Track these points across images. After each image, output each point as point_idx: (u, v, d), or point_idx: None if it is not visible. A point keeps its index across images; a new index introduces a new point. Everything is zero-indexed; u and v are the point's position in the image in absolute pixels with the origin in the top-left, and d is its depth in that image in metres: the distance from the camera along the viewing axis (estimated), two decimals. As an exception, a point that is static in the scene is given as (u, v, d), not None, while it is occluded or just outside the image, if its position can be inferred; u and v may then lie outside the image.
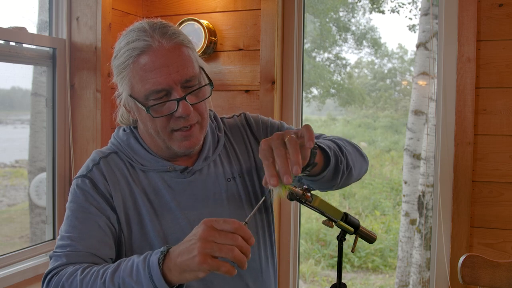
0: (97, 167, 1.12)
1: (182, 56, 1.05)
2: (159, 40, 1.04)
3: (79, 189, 1.09)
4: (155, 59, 1.03)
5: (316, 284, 5.69)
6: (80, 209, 1.07)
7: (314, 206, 0.97)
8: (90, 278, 0.93)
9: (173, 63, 1.03)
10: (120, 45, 1.10)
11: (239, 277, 1.16)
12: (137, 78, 1.05)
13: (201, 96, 1.09)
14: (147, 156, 1.14)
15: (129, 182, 1.12)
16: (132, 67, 1.05)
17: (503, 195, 1.93)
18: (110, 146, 1.19)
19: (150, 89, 1.03)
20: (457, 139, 1.97)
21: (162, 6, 2.38)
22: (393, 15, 7.98)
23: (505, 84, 1.93)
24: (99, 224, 1.06)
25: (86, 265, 0.98)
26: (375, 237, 1.05)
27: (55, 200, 2.12)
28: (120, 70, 1.08)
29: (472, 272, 1.56)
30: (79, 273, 0.95)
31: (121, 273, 0.91)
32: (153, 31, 1.05)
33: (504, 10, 1.91)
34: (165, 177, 1.14)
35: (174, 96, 1.04)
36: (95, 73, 2.11)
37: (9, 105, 2.34)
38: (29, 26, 1.99)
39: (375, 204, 6.99)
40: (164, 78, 1.02)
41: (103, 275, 0.92)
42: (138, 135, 1.17)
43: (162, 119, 1.06)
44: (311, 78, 8.06)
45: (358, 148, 1.23)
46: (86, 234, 1.04)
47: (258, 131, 1.27)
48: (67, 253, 1.02)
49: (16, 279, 1.93)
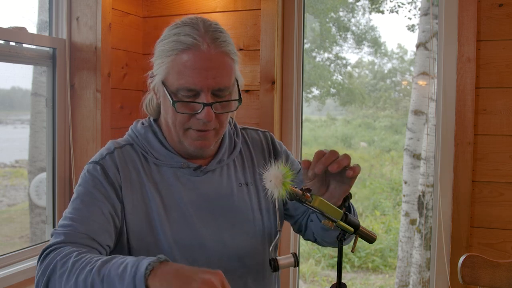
0: (110, 156, 1.13)
1: (223, 65, 1.07)
2: (208, 44, 1.06)
3: (89, 174, 1.11)
4: (198, 59, 1.05)
5: (316, 284, 5.70)
6: (87, 193, 1.08)
7: (314, 206, 0.97)
8: (81, 263, 0.93)
9: (212, 69, 1.05)
10: (170, 31, 1.11)
11: (240, 277, 1.16)
12: (175, 70, 1.07)
13: (227, 108, 1.11)
14: (163, 151, 1.15)
15: (141, 175, 1.13)
16: (174, 58, 1.07)
17: (503, 195, 1.93)
18: (126, 138, 1.20)
19: (183, 85, 1.05)
20: (457, 139, 1.97)
21: (162, 6, 2.38)
22: (392, 15, 7.99)
23: (505, 84, 1.93)
24: (102, 210, 1.06)
25: (84, 249, 0.99)
26: (375, 237, 1.05)
27: (55, 200, 2.12)
28: (163, 55, 1.10)
29: (472, 272, 1.56)
30: (73, 255, 0.95)
31: (109, 266, 0.90)
32: (206, 33, 1.07)
33: (504, 10, 1.91)
34: (178, 173, 1.15)
35: (201, 99, 1.06)
36: (95, 73, 2.11)
37: (9, 105, 2.35)
38: (29, 26, 1.99)
39: (375, 204, 6.99)
40: (199, 80, 1.05)
41: (94, 263, 0.92)
42: (157, 129, 1.18)
43: (183, 115, 1.08)
44: (311, 78, 8.06)
45: None
46: (89, 218, 1.05)
47: (281, 155, 1.31)
48: (67, 231, 1.03)
49: (16, 279, 1.93)
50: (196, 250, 1.11)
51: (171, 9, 2.36)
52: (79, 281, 0.91)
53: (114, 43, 2.21)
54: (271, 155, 1.29)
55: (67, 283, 0.92)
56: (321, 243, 1.27)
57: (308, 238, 1.30)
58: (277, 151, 1.30)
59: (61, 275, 0.93)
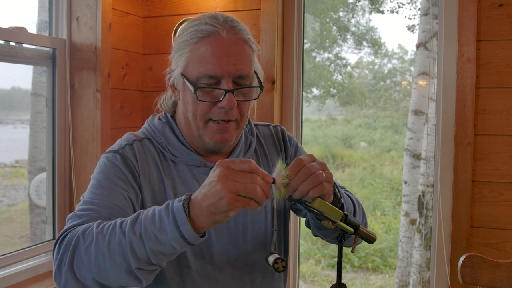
0: (130, 147, 1.12)
1: (243, 52, 1.08)
2: (228, 31, 1.07)
3: (109, 162, 1.09)
4: (219, 46, 1.05)
5: (316, 284, 5.70)
6: (107, 179, 1.06)
7: (313, 207, 0.97)
8: (108, 229, 0.90)
9: (233, 56, 1.06)
10: (188, 25, 1.12)
11: (248, 276, 1.16)
12: (195, 59, 1.06)
13: (248, 96, 1.11)
14: (180, 148, 1.15)
15: (159, 170, 1.12)
16: (194, 46, 1.07)
17: (503, 195, 1.93)
18: (143, 132, 1.19)
19: (204, 73, 1.05)
20: (457, 139, 1.97)
21: (162, 6, 2.38)
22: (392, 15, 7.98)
23: (505, 84, 1.93)
24: (124, 195, 1.05)
25: (101, 220, 0.96)
26: (375, 237, 1.04)
27: (55, 200, 2.12)
28: (182, 46, 1.09)
29: (472, 272, 1.55)
30: (95, 226, 0.92)
31: (142, 222, 0.89)
32: (225, 22, 1.08)
33: (504, 10, 1.91)
34: (194, 171, 1.14)
35: (223, 86, 1.05)
36: (95, 73, 2.11)
37: (9, 105, 2.35)
38: (29, 26, 1.99)
39: (375, 204, 6.99)
40: (220, 67, 1.04)
41: (121, 225, 0.90)
42: (174, 125, 1.17)
43: (204, 104, 1.07)
44: (311, 78, 8.06)
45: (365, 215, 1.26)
46: (110, 202, 1.03)
47: (290, 149, 1.30)
48: (89, 214, 0.99)
49: (16, 279, 1.93)
50: (206, 247, 1.11)
51: (171, 9, 2.36)
52: (113, 246, 0.88)
53: (114, 43, 2.21)
54: (283, 149, 1.29)
55: (97, 252, 0.89)
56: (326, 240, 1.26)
57: (316, 234, 1.28)
58: (287, 145, 1.29)
59: (88, 247, 0.90)
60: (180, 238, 0.86)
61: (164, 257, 0.90)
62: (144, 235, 0.87)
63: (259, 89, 1.11)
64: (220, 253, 1.13)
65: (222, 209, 0.84)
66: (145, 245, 0.87)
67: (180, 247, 0.88)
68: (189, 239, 0.87)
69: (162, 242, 0.87)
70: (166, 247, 0.88)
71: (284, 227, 1.27)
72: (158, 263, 0.90)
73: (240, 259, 1.15)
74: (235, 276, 1.14)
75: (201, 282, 1.10)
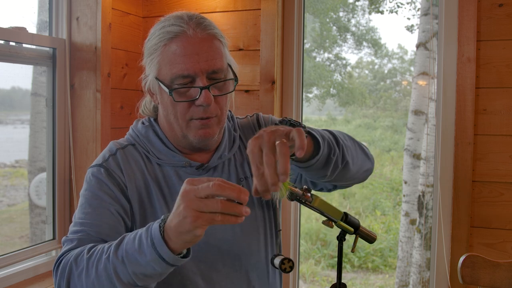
0: (113, 157, 1.13)
1: (213, 47, 1.08)
2: (194, 29, 1.07)
3: (94, 178, 1.10)
4: (187, 45, 1.05)
5: (316, 284, 5.70)
6: (94, 196, 1.08)
7: (314, 206, 0.97)
8: (96, 256, 0.94)
9: (203, 52, 1.06)
10: (155, 28, 1.12)
11: (244, 276, 1.16)
12: (166, 61, 1.07)
13: (224, 90, 1.11)
14: (164, 150, 1.15)
15: (145, 175, 1.13)
16: (163, 49, 1.07)
17: (503, 195, 1.93)
18: (127, 138, 1.20)
19: (177, 73, 1.05)
20: (457, 139, 1.97)
21: (162, 6, 2.38)
22: (392, 15, 7.99)
23: (505, 84, 1.93)
24: (112, 211, 1.07)
25: (93, 244, 0.99)
26: (375, 237, 1.05)
27: (55, 200, 2.12)
28: (152, 51, 1.10)
29: (472, 272, 1.56)
30: (85, 252, 0.96)
31: (124, 246, 0.91)
32: (190, 20, 1.08)
33: (504, 10, 1.91)
34: (180, 172, 1.14)
35: (198, 84, 1.06)
36: (95, 73, 2.11)
37: (9, 105, 2.34)
38: (29, 26, 1.99)
39: (375, 204, 6.99)
40: (192, 65, 1.05)
41: (108, 251, 0.93)
42: (157, 128, 1.18)
43: (182, 105, 1.08)
44: (311, 78, 8.06)
45: (361, 145, 1.23)
46: (99, 220, 1.05)
47: None
48: (79, 237, 1.03)
49: (16, 279, 1.93)
50: (201, 248, 1.11)
51: (171, 9, 2.36)
52: (100, 271, 0.91)
53: (114, 43, 2.21)
54: None
55: (88, 278, 0.93)
56: (334, 184, 1.21)
57: (321, 189, 1.27)
58: (261, 127, 1.26)
59: (80, 274, 0.94)
60: (159, 259, 0.88)
61: (149, 279, 0.92)
62: (125, 259, 0.90)
63: (234, 81, 1.11)
64: (216, 254, 1.13)
65: (187, 228, 0.84)
66: (127, 268, 0.90)
67: (161, 268, 0.89)
68: (168, 260, 0.88)
69: (142, 264, 0.89)
70: (147, 269, 0.89)
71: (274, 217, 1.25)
72: (144, 285, 0.92)
73: (235, 259, 1.15)
74: (230, 276, 1.14)
75: (197, 282, 1.11)
